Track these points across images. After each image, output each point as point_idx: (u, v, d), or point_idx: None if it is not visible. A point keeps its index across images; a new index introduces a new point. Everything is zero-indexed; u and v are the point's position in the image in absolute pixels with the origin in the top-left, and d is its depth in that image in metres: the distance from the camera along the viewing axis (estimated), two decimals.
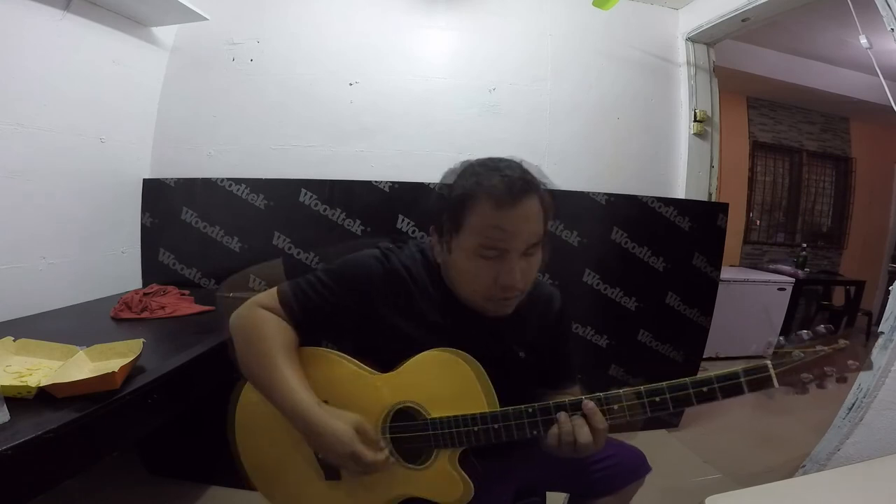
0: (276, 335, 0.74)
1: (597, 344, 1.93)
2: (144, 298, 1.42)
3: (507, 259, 0.68)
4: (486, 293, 0.71)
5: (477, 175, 0.69)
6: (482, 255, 0.68)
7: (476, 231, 0.67)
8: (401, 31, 2.00)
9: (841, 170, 4.28)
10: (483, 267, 0.69)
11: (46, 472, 0.70)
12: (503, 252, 0.67)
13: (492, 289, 0.70)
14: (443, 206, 0.71)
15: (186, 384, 1.02)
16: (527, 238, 0.68)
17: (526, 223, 0.68)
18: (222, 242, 1.82)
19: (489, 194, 0.66)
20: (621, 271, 1.91)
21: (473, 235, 0.68)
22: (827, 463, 1.32)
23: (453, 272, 0.74)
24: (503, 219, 0.66)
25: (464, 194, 0.68)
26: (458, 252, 0.70)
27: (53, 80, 1.41)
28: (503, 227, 0.66)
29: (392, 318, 0.77)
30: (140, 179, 1.80)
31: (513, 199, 0.66)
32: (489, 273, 0.69)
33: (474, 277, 0.70)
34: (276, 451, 0.81)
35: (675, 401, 0.64)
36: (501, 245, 0.67)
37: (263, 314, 0.76)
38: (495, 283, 0.69)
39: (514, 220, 0.66)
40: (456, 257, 0.71)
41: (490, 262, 0.68)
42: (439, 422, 0.72)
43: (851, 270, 4.10)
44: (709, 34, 2.13)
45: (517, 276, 0.68)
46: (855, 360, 0.60)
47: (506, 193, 0.66)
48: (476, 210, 0.67)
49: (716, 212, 1.97)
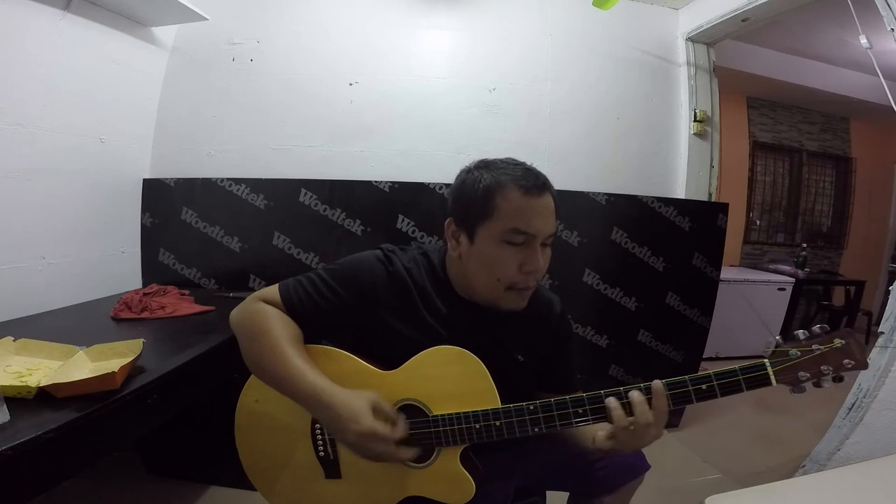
0: (283, 328, 0.74)
1: (597, 344, 1.93)
2: (144, 298, 1.42)
3: (531, 246, 0.71)
4: (509, 281, 0.73)
5: (502, 168, 0.74)
6: (510, 241, 0.71)
7: (507, 217, 0.71)
8: (401, 31, 2.00)
9: (841, 170, 4.28)
10: (509, 253, 0.72)
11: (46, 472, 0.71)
12: (530, 238, 0.71)
13: (516, 276, 0.72)
14: (469, 195, 0.74)
15: (186, 384, 1.02)
16: (549, 226, 0.73)
17: (549, 213, 0.73)
18: (222, 242, 1.82)
19: (517, 183, 0.71)
20: (621, 271, 1.91)
21: (503, 221, 0.71)
22: (827, 463, 1.32)
23: (475, 263, 0.75)
24: (531, 205, 0.71)
25: (495, 182, 0.72)
26: (484, 241, 0.73)
27: (53, 80, 1.41)
28: (531, 213, 0.71)
29: (392, 320, 0.78)
30: (140, 179, 1.80)
31: (539, 189, 0.71)
32: (514, 259, 0.72)
33: (499, 264, 0.72)
34: (275, 451, 0.81)
35: (673, 398, 0.65)
36: (530, 229, 0.71)
37: (267, 308, 0.76)
38: (520, 270, 0.72)
39: (540, 207, 0.72)
40: (481, 246, 0.73)
41: (516, 248, 0.71)
42: (441, 419, 0.72)
43: (851, 270, 4.10)
44: (709, 34, 2.13)
45: (540, 262, 0.72)
46: (851, 359, 0.61)
47: (533, 183, 0.71)
48: (505, 197, 0.71)
49: (716, 212, 1.97)
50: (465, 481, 0.73)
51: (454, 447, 0.73)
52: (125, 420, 0.84)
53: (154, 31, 1.78)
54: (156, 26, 1.76)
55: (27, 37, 1.33)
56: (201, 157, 1.90)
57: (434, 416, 0.73)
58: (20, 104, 1.32)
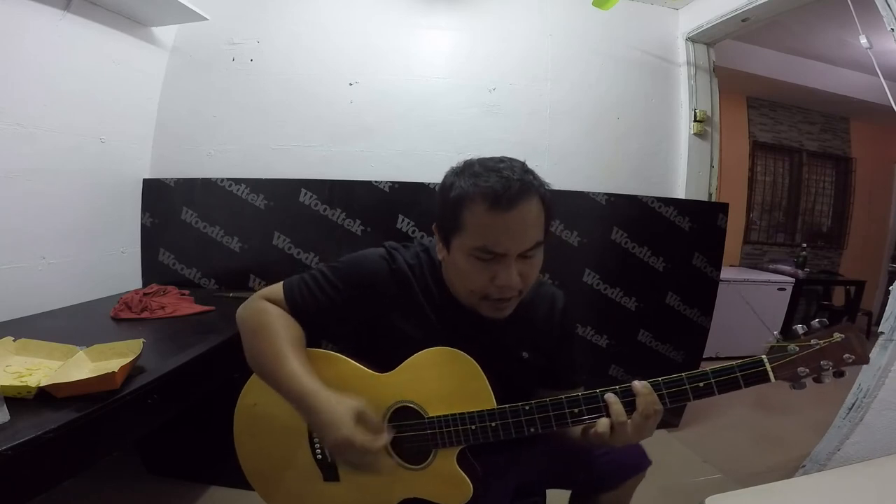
0: (284, 328, 0.74)
1: (597, 344, 1.93)
2: (144, 298, 1.42)
3: (503, 262, 0.67)
4: (482, 293, 0.70)
5: (475, 176, 0.67)
6: (478, 257, 0.67)
7: (471, 233, 0.67)
8: (401, 31, 2.00)
9: (841, 170, 4.28)
10: (479, 268, 0.68)
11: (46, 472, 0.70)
12: (499, 256, 0.66)
13: (488, 288, 0.69)
14: (442, 203, 0.71)
15: (186, 384, 1.02)
16: (524, 241, 0.67)
17: (523, 227, 0.66)
18: (222, 242, 1.82)
19: (485, 196, 0.65)
20: (621, 271, 1.91)
21: (469, 237, 0.67)
22: (827, 463, 1.32)
23: (452, 271, 0.74)
24: (499, 222, 0.65)
25: (461, 195, 0.67)
26: (455, 251, 0.70)
27: (53, 80, 1.41)
28: (498, 230, 0.65)
29: (395, 319, 0.77)
30: (140, 179, 1.80)
31: (509, 201, 0.64)
32: (485, 274, 0.68)
33: (470, 277, 0.70)
34: (274, 454, 0.81)
35: (671, 396, 0.65)
36: (497, 249, 0.66)
37: (270, 307, 0.76)
38: (492, 284, 0.68)
39: (510, 223, 0.65)
40: (454, 256, 0.71)
41: (486, 263, 0.67)
42: (436, 420, 0.72)
43: (851, 270, 4.10)
44: (709, 34, 2.13)
45: (514, 278, 0.67)
46: (851, 354, 0.60)
47: (502, 196, 0.64)
48: (472, 212, 0.66)
49: (716, 212, 1.97)
50: (462, 482, 0.73)
51: (451, 448, 0.73)
52: (125, 420, 0.84)
53: (154, 31, 1.78)
54: (156, 26, 1.76)
55: (27, 37, 1.33)
56: (201, 157, 1.90)
57: (430, 417, 0.73)
58: (20, 104, 1.32)
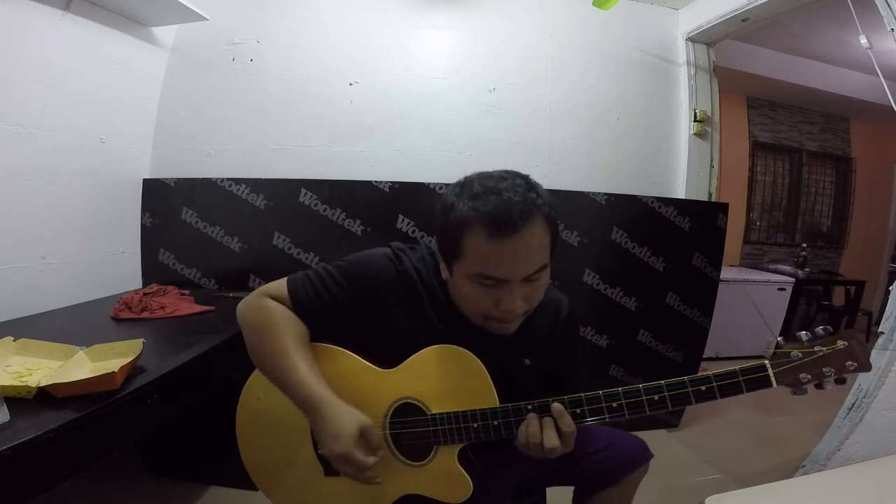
0: (288, 326, 0.73)
1: (597, 344, 1.93)
2: (144, 298, 1.42)
3: (507, 287, 0.65)
4: (486, 315, 0.70)
5: (474, 198, 0.63)
6: (481, 283, 0.66)
7: (472, 260, 0.64)
8: (401, 31, 2.00)
9: (841, 170, 4.27)
10: (482, 293, 0.67)
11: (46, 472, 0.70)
12: (502, 282, 0.65)
13: (492, 311, 0.68)
14: (443, 225, 0.69)
15: (186, 384, 1.02)
16: (527, 267, 0.64)
17: (526, 252, 0.63)
18: (222, 242, 1.82)
19: (485, 223, 0.61)
20: (621, 271, 1.91)
21: (470, 263, 0.65)
22: (827, 463, 1.32)
23: (456, 292, 0.73)
24: (501, 249, 0.62)
25: (460, 219, 0.64)
26: (458, 275, 0.69)
27: (53, 80, 1.41)
28: (501, 258, 0.63)
29: (399, 320, 0.77)
30: (140, 179, 1.80)
31: (512, 226, 0.61)
32: (488, 299, 0.67)
33: (474, 301, 0.69)
34: (276, 449, 0.81)
35: (673, 399, 0.65)
36: (499, 276, 0.64)
37: (273, 304, 0.75)
38: (496, 308, 0.67)
39: (513, 250, 0.62)
40: (457, 280, 0.69)
41: (489, 288, 0.66)
42: (439, 417, 0.72)
43: (851, 270, 4.09)
44: (709, 34, 2.13)
45: (517, 303, 0.66)
46: (853, 361, 0.60)
47: (503, 222, 0.61)
48: (472, 239, 0.63)
49: (716, 212, 1.97)
50: (462, 480, 0.73)
51: (452, 446, 0.73)
52: (125, 420, 0.84)
53: (154, 31, 1.78)
54: (156, 26, 1.76)
55: (27, 37, 1.33)
56: (201, 157, 1.90)
57: (432, 414, 0.73)
58: (20, 104, 1.32)
